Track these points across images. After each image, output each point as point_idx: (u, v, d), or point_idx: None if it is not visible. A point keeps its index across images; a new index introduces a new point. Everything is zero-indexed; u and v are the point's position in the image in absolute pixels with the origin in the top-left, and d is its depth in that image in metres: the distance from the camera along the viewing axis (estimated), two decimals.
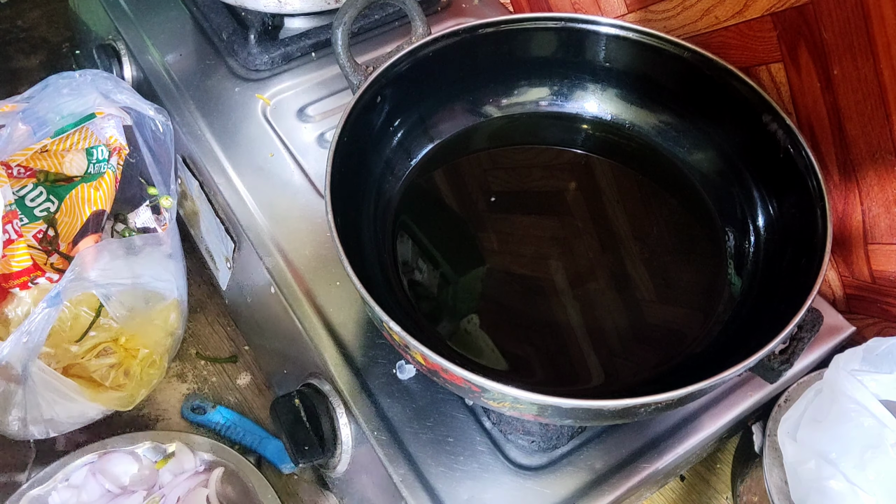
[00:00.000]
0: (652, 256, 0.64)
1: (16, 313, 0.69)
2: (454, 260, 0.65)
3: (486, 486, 0.57)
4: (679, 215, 0.67)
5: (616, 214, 0.67)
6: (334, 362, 0.62)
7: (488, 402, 0.51)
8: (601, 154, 0.71)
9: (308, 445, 0.60)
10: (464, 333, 0.60)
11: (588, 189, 0.69)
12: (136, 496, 0.67)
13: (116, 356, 0.72)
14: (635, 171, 0.70)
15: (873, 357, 0.57)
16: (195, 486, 0.68)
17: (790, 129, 0.61)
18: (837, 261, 0.72)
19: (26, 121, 0.70)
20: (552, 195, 0.68)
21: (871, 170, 0.65)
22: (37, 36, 1.15)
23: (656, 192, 0.69)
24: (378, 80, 0.63)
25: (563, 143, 0.72)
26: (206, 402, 0.78)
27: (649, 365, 0.59)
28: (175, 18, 0.88)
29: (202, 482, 0.69)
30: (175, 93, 0.80)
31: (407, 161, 0.69)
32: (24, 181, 0.76)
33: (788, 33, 0.66)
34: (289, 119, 0.79)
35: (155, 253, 0.71)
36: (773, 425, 0.63)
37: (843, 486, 0.52)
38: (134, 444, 0.71)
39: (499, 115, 0.74)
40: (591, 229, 0.66)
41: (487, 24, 0.67)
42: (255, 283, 0.72)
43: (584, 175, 0.70)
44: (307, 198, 0.72)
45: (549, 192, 0.68)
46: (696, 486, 0.75)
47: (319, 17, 0.87)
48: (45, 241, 0.74)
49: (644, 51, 0.68)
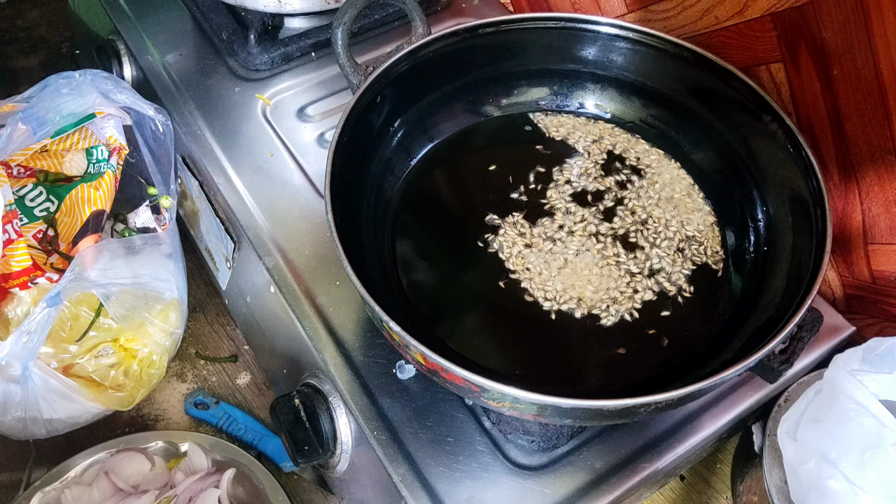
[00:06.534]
0: (652, 256, 0.64)
1: (16, 313, 0.69)
2: (454, 259, 0.65)
3: (486, 486, 0.57)
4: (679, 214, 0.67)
5: (616, 213, 0.67)
6: (334, 362, 0.62)
7: (488, 402, 0.51)
8: (601, 153, 0.71)
9: (308, 445, 0.60)
10: (464, 333, 0.60)
11: (588, 188, 0.69)
12: (147, 496, 0.67)
13: (116, 356, 0.72)
14: (636, 171, 0.70)
15: (873, 357, 0.57)
16: (207, 486, 0.68)
17: (790, 129, 0.61)
18: (837, 261, 0.72)
19: (26, 121, 0.70)
20: (551, 195, 0.68)
21: (871, 170, 0.65)
22: (36, 36, 1.15)
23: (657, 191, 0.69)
24: (378, 80, 0.63)
25: (562, 143, 0.72)
26: (208, 397, 0.78)
27: (649, 365, 0.59)
28: (175, 18, 0.88)
29: (214, 482, 0.69)
30: (175, 93, 0.80)
31: (406, 161, 0.69)
32: (23, 181, 0.76)
33: (788, 33, 0.66)
34: (289, 119, 0.79)
35: (155, 253, 0.71)
36: (773, 425, 0.63)
37: (843, 486, 0.52)
38: (146, 443, 0.71)
39: (498, 114, 0.74)
40: (592, 228, 0.66)
41: (487, 24, 0.67)
42: (255, 283, 0.72)
43: (585, 174, 0.70)
44: (307, 198, 0.72)
45: (548, 191, 0.68)
46: (696, 486, 0.75)
47: (319, 17, 0.87)
48: (45, 241, 0.74)
49: (644, 51, 0.68)
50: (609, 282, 0.63)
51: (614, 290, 0.62)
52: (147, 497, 0.67)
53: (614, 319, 0.61)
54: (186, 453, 0.71)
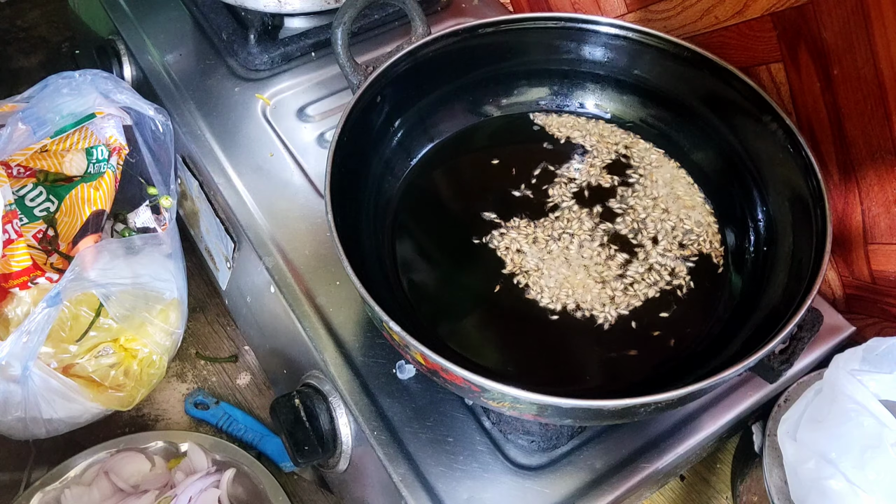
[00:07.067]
0: (653, 254, 0.64)
1: (16, 313, 0.69)
2: (454, 259, 0.65)
3: (486, 486, 0.57)
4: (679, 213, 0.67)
5: (617, 212, 0.67)
6: (334, 362, 0.62)
7: (488, 402, 0.51)
8: (602, 153, 0.71)
9: (308, 445, 0.60)
10: (464, 333, 0.60)
11: (589, 188, 0.69)
12: (147, 496, 0.67)
13: (116, 356, 0.72)
14: (636, 171, 0.70)
15: (873, 357, 0.57)
16: (207, 486, 0.68)
17: (790, 129, 0.61)
18: (837, 261, 0.72)
19: (26, 121, 0.70)
20: (552, 195, 0.68)
21: (871, 170, 0.65)
22: (36, 36, 1.15)
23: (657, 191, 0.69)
24: (378, 80, 0.63)
25: (563, 142, 0.72)
26: (208, 397, 0.78)
27: (649, 365, 0.59)
28: (175, 18, 0.88)
29: (214, 483, 0.69)
30: (175, 93, 0.80)
31: (406, 161, 0.69)
32: (23, 181, 0.76)
33: (788, 33, 0.66)
34: (289, 119, 0.79)
35: (155, 253, 0.71)
36: (773, 425, 0.63)
37: (843, 486, 0.52)
38: (147, 443, 0.72)
39: (498, 114, 0.74)
40: (592, 228, 0.66)
41: (487, 24, 0.67)
42: (255, 282, 0.72)
43: (585, 174, 0.70)
44: (307, 198, 0.72)
45: (548, 191, 0.68)
46: (696, 486, 0.75)
47: (319, 16, 0.87)
48: (45, 241, 0.74)
49: (644, 51, 0.68)
50: (610, 281, 0.63)
51: (615, 288, 0.62)
52: (147, 497, 0.67)
53: (615, 318, 0.61)
54: (186, 453, 0.71)
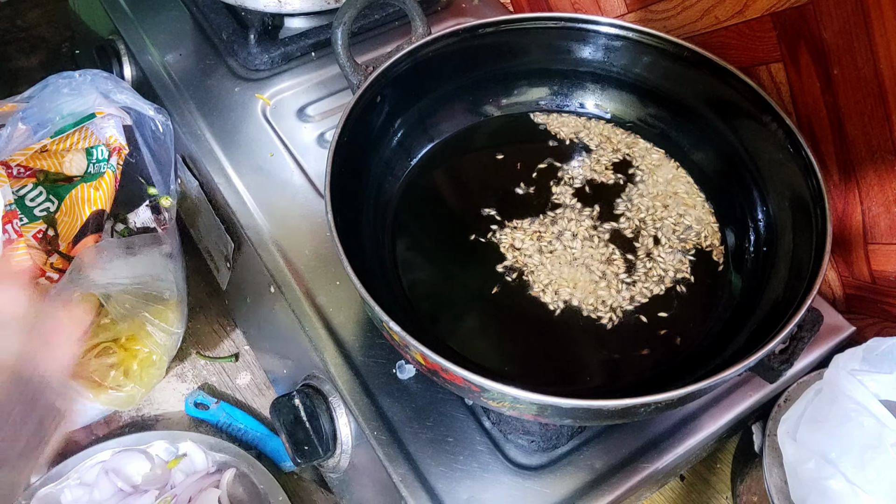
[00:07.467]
0: (654, 252, 0.64)
1: None
2: (454, 259, 0.65)
3: (486, 486, 0.57)
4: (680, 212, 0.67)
5: (618, 211, 0.67)
6: (334, 362, 0.62)
7: (488, 402, 0.51)
8: (602, 153, 0.71)
9: (308, 445, 0.60)
10: (464, 333, 0.60)
11: (589, 188, 0.69)
12: (147, 496, 0.67)
13: (116, 356, 0.72)
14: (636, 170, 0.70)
15: (873, 357, 0.57)
16: (207, 486, 0.68)
17: (790, 129, 0.61)
18: (837, 261, 0.72)
19: (26, 121, 0.70)
20: (552, 194, 0.68)
21: (871, 170, 0.65)
22: (36, 36, 1.15)
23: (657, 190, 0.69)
24: (378, 80, 0.63)
25: (563, 142, 0.72)
26: (208, 397, 0.78)
27: (649, 365, 0.59)
28: (175, 18, 0.88)
29: (214, 483, 0.69)
30: (175, 93, 0.80)
31: (407, 161, 0.69)
32: (23, 181, 0.76)
33: (788, 33, 0.66)
34: (289, 119, 0.79)
35: (154, 253, 0.71)
36: (773, 425, 0.63)
37: (843, 486, 0.52)
38: (147, 443, 0.72)
39: (498, 114, 0.74)
40: (593, 227, 0.66)
41: (487, 24, 0.67)
42: (255, 283, 0.72)
43: (585, 173, 0.70)
44: (307, 198, 0.72)
45: (549, 191, 0.68)
46: (696, 486, 0.75)
47: (319, 16, 0.87)
48: (45, 241, 0.74)
49: (644, 51, 0.68)
50: (612, 279, 0.63)
51: (617, 288, 0.62)
52: (147, 497, 0.67)
53: (616, 317, 0.61)
54: (186, 453, 0.71)
